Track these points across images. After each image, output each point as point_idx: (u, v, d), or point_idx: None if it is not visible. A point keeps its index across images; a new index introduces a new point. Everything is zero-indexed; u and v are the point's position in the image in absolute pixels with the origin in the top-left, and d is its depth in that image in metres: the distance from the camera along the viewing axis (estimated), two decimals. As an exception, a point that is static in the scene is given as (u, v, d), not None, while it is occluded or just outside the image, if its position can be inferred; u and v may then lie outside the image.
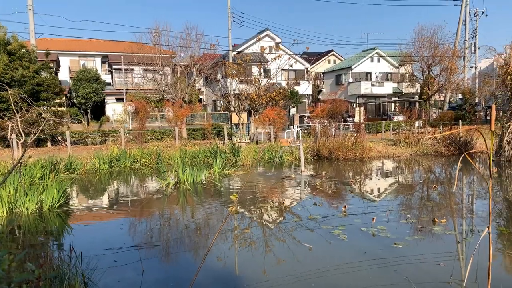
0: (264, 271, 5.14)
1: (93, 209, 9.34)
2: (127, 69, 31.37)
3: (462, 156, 2.51)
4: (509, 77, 14.81)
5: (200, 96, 37.22)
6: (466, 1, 37.58)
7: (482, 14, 38.78)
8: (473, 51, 38.89)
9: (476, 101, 34.02)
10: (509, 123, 15.18)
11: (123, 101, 31.08)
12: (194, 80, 26.67)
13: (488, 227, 2.28)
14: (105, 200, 10.59)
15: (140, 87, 29.91)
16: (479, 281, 4.47)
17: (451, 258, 5.43)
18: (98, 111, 34.94)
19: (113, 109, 29.85)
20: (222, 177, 12.71)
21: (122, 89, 33.59)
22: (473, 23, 38.88)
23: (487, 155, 16.88)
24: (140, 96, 27.65)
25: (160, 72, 25.49)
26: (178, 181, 11.31)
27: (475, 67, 39.41)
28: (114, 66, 36.89)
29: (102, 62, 39.96)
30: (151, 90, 27.22)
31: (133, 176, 13.98)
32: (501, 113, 23.22)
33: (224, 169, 13.42)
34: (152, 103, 26.77)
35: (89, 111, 34.28)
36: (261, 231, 7.07)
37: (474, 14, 38.69)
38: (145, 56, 25.55)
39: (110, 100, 35.39)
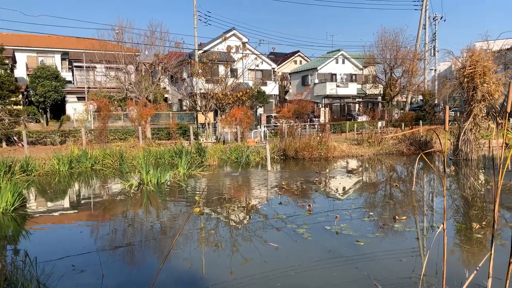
0: (231, 272, 5.09)
1: (52, 212, 8.96)
2: (89, 67, 30.37)
3: (419, 155, 2.56)
4: (465, 79, 15.42)
5: (166, 95, 36.59)
6: (425, 6, 39.00)
7: (441, 19, 40.38)
8: (432, 54, 40.38)
9: (436, 102, 35.36)
10: (465, 124, 15.84)
11: (85, 99, 30.08)
12: (159, 78, 26.15)
13: (443, 224, 2.32)
14: (64, 203, 10.18)
15: (102, 86, 29.01)
16: (440, 276, 4.60)
17: (413, 254, 5.57)
18: (58, 110, 33.61)
19: (74, 108, 28.79)
20: (188, 178, 12.53)
21: (84, 87, 32.48)
22: (432, 27, 40.40)
23: (446, 154, 17.53)
24: (102, 94, 26.85)
25: (124, 70, 24.82)
26: (141, 182, 11.04)
27: (435, 70, 40.94)
28: (75, 64, 35.59)
29: (62, 59, 38.45)
30: (114, 88, 26.45)
31: (94, 178, 13.54)
32: (458, 114, 24.25)
33: (189, 169, 13.24)
34: (115, 102, 26.04)
35: (48, 110, 32.93)
36: (228, 231, 7.01)
37: (433, 19, 40.21)
38: (108, 54, 24.78)
39: (71, 98, 34.14)
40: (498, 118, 15.71)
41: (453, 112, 33.29)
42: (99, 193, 11.20)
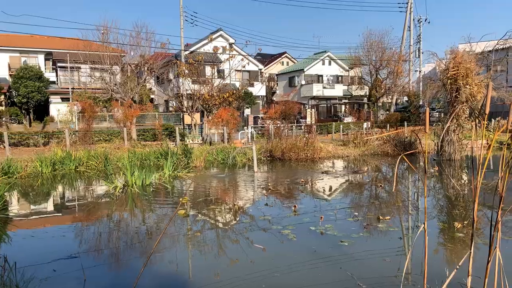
0: (217, 274, 5.05)
1: (34, 215, 8.78)
2: (73, 67, 29.96)
3: (400, 157, 2.57)
4: (449, 81, 15.64)
5: (152, 96, 36.33)
6: (410, 8, 39.47)
7: (425, 21, 40.85)
8: (417, 56, 40.84)
9: (421, 103, 35.81)
10: (449, 124, 16.06)
11: (69, 100, 29.67)
12: (145, 79, 25.92)
13: (424, 224, 2.33)
14: (47, 206, 10.00)
15: (87, 86, 28.65)
16: (428, 273, 4.63)
17: (397, 254, 5.60)
18: (41, 111, 33.03)
19: (58, 109, 28.34)
20: (173, 179, 12.43)
21: (68, 88, 32.05)
22: (417, 29, 40.89)
23: (429, 155, 17.78)
24: (87, 95, 26.51)
25: (109, 71, 24.55)
26: (126, 184, 10.91)
27: (419, 71, 41.47)
28: (59, 64, 35.09)
29: (46, 60, 37.83)
30: (99, 89, 26.15)
31: (78, 180, 13.34)
32: (442, 115, 24.58)
33: (175, 171, 13.14)
34: (100, 103, 25.74)
35: (31, 111, 32.35)
36: (213, 233, 6.97)
37: (418, 21, 40.68)
38: (93, 54, 24.48)
39: (54, 99, 33.62)
40: (477, 120, 15.96)
41: (437, 113, 33.73)
42: (83, 195, 11.03)
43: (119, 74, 25.87)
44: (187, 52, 30.52)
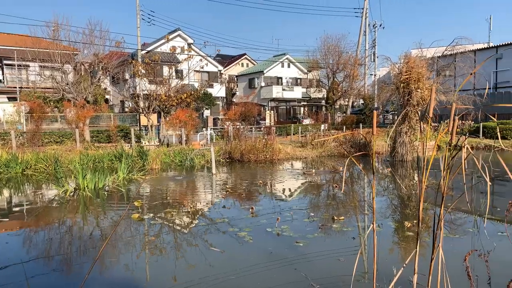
0: (174, 278, 4.93)
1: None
2: (21, 65, 28.38)
3: (348, 158, 2.59)
4: (402, 84, 16.25)
5: (107, 96, 35.12)
6: (365, 14, 40.75)
7: (380, 26, 42.35)
8: (372, 60, 42.20)
9: (376, 106, 37.04)
10: (401, 127, 16.69)
11: (17, 100, 28.08)
12: (99, 79, 25.00)
13: (373, 223, 2.36)
14: (-12, 211, 9.36)
15: (36, 86, 27.25)
16: (380, 272, 4.73)
17: (352, 253, 5.69)
18: (-14, 112, 31.06)
19: (3, 109, 26.74)
20: (128, 182, 12.05)
21: (15, 87, 30.34)
22: (372, 34, 42.27)
23: (382, 156, 18.39)
24: (36, 95, 25.22)
25: (60, 69, 23.45)
26: (77, 188, 10.44)
27: (375, 75, 42.87)
28: (5, 62, 33.07)
29: (-9, 57, 35.63)
30: (50, 88, 24.94)
31: (25, 183, 12.62)
32: (396, 117, 25.56)
33: (130, 173, 12.75)
34: (51, 103, 24.55)
35: (-26, 111, 30.34)
36: (171, 236, 6.80)
37: (373, 26, 42.05)
38: (42, 52, 23.31)
39: (0, 99, 31.72)
40: (422, 122, 16.71)
41: (391, 116, 34.97)
42: (30, 199, 10.44)
43: (72, 73, 24.82)
44: (144, 52, 29.80)
